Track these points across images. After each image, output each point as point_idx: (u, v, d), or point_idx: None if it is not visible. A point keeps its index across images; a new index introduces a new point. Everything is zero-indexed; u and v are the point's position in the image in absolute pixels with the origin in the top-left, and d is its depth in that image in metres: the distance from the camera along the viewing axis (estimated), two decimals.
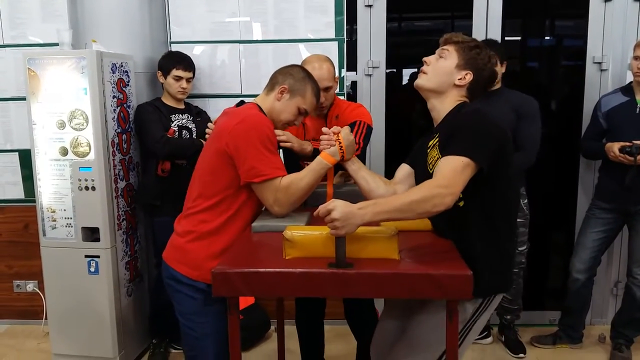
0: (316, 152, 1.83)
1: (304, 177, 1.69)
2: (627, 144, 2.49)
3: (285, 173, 1.71)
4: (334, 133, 1.73)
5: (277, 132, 1.81)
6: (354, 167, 1.76)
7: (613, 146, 2.54)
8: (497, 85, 2.65)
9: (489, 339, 2.98)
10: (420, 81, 1.63)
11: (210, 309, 1.74)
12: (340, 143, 1.71)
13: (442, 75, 1.60)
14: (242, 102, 1.91)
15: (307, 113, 1.86)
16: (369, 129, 2.17)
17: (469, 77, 1.59)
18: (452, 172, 1.41)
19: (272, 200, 1.69)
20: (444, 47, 1.63)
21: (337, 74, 2.25)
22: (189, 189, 1.81)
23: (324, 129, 1.76)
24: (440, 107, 1.62)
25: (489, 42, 2.69)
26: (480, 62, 1.59)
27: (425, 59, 1.65)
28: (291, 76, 1.81)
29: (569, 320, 2.87)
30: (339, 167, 1.82)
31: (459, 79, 1.59)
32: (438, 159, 1.52)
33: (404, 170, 1.76)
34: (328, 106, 2.21)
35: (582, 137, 2.84)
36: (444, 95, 1.61)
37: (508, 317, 2.90)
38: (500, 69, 2.60)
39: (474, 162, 1.42)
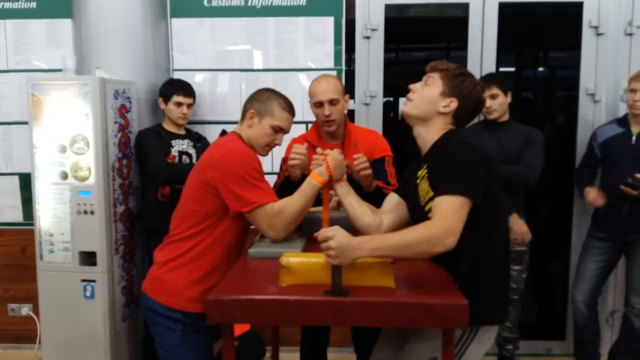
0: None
1: (296, 201, 1.72)
2: (634, 177, 2.49)
3: (276, 198, 1.73)
4: (323, 154, 1.77)
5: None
6: (342, 190, 1.77)
7: (590, 192, 2.66)
8: (505, 117, 2.71)
9: None
10: (406, 108, 1.64)
11: (190, 340, 1.74)
12: (327, 163, 1.74)
13: (427, 103, 1.60)
14: (224, 132, 1.94)
15: (282, 130, 1.86)
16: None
17: (454, 104, 1.59)
18: (450, 212, 1.40)
19: (267, 226, 1.71)
20: (430, 74, 1.63)
21: (346, 93, 2.25)
22: (172, 218, 1.83)
23: (318, 149, 1.80)
24: (426, 135, 1.62)
25: (492, 75, 2.77)
26: (466, 89, 1.60)
27: (411, 86, 1.65)
28: (255, 100, 1.86)
29: (584, 353, 2.82)
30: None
31: (443, 106, 1.59)
32: (428, 192, 1.53)
33: (392, 200, 1.76)
34: (338, 123, 2.18)
35: (577, 167, 2.87)
36: (430, 122, 1.61)
37: (510, 347, 2.84)
38: (506, 100, 2.68)
39: (470, 200, 1.42)
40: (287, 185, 2.02)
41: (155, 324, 1.78)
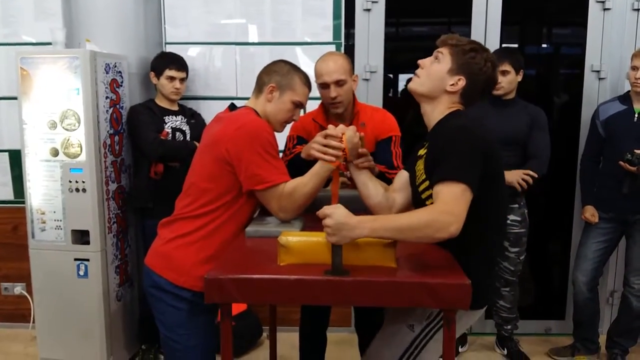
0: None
1: (308, 182, 1.67)
2: (633, 153, 2.46)
3: (289, 178, 1.68)
4: (340, 133, 1.66)
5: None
6: (355, 169, 1.72)
7: (587, 209, 2.71)
8: (512, 95, 2.66)
9: (465, 347, 2.98)
10: (413, 85, 1.58)
11: (196, 321, 1.69)
12: (344, 143, 1.64)
13: (434, 80, 1.53)
14: (233, 106, 1.85)
15: (302, 105, 1.81)
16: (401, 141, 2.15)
17: (462, 82, 1.51)
18: (453, 199, 1.34)
19: (277, 207, 1.67)
20: (439, 49, 1.56)
21: (354, 73, 2.14)
22: (181, 193, 1.77)
23: (330, 126, 1.69)
24: (432, 114, 1.57)
25: (506, 50, 2.70)
26: (475, 67, 1.51)
27: (420, 61, 1.58)
28: (276, 73, 1.77)
29: (582, 332, 2.83)
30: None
31: (451, 85, 1.52)
32: (422, 174, 1.50)
33: (403, 177, 1.70)
34: (345, 104, 2.09)
35: (583, 157, 2.82)
36: (436, 100, 1.55)
37: (508, 327, 2.85)
38: (516, 78, 2.63)
39: (470, 188, 1.36)
40: (296, 163, 1.90)
41: (159, 301, 1.71)
